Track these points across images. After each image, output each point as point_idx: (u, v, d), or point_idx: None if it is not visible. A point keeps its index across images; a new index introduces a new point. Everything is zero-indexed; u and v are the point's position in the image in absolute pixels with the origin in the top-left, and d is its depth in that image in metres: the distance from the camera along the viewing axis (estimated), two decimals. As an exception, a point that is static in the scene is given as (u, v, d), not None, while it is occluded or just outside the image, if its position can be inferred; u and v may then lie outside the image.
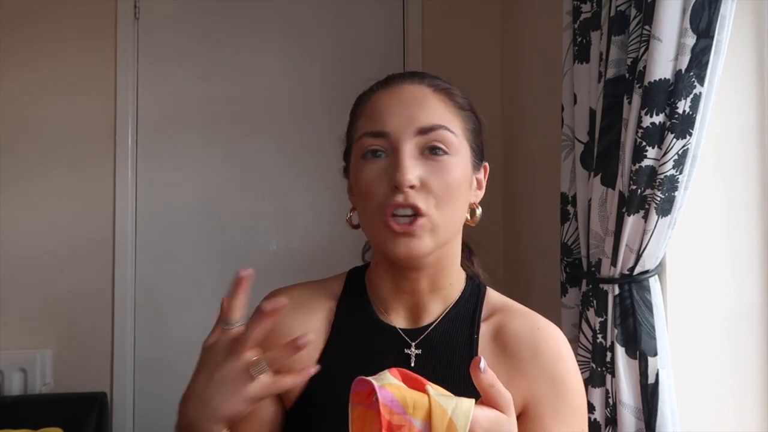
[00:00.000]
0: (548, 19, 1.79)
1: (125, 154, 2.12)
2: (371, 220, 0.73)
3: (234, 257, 2.16)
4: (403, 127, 0.72)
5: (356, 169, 0.75)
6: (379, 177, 0.72)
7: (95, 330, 2.07)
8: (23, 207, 2.06)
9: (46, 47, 2.09)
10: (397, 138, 0.72)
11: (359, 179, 0.73)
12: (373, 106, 0.76)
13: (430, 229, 0.71)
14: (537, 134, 1.91)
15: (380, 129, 0.72)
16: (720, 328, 1.28)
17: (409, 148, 0.71)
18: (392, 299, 0.79)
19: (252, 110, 2.21)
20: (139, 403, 2.09)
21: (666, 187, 1.13)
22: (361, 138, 0.74)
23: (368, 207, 0.73)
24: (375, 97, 0.77)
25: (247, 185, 2.20)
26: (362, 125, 0.75)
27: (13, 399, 1.89)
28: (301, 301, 0.81)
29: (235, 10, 2.20)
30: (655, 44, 1.10)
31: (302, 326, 0.78)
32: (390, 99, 0.75)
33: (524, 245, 2.02)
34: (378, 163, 0.72)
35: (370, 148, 0.73)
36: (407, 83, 0.77)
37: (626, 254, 1.20)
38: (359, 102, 0.80)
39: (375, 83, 0.80)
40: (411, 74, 0.79)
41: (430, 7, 2.27)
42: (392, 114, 0.73)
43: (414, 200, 0.70)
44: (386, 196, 0.71)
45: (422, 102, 0.74)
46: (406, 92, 0.75)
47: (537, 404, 0.73)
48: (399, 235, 0.70)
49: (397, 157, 0.71)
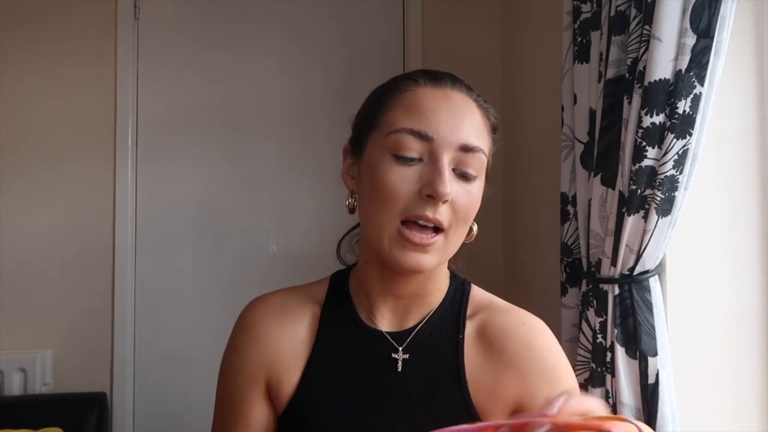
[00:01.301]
0: (548, 19, 1.79)
1: (125, 154, 2.12)
2: (383, 222, 0.69)
3: (234, 257, 2.16)
4: (448, 136, 0.68)
5: (382, 163, 0.69)
6: (410, 181, 0.67)
7: (95, 330, 2.07)
8: (23, 207, 2.06)
9: (46, 47, 2.09)
10: (440, 146, 0.67)
11: (384, 177, 0.68)
12: (418, 100, 0.70)
13: (442, 248, 0.70)
14: (537, 134, 1.91)
15: (425, 131, 0.67)
16: (720, 328, 1.28)
17: (448, 160, 0.68)
18: (379, 300, 0.77)
19: (252, 110, 2.21)
20: (139, 403, 2.09)
21: (666, 187, 1.13)
22: (399, 132, 0.68)
23: (385, 207, 0.68)
24: (422, 91, 0.71)
25: (247, 185, 2.20)
26: (400, 117, 0.69)
27: (13, 399, 1.89)
28: (286, 308, 0.79)
29: (235, 10, 2.20)
30: (655, 44, 1.10)
31: (289, 332, 0.77)
32: (439, 101, 0.69)
33: (524, 245, 2.02)
34: (410, 165, 0.68)
35: (408, 152, 0.67)
36: (456, 89, 0.72)
37: (626, 254, 1.20)
38: (396, 89, 0.73)
39: (418, 72, 0.74)
40: (453, 78, 0.74)
41: (430, 7, 2.26)
42: (440, 119, 0.68)
43: (440, 217, 0.67)
44: (413, 204, 0.67)
45: (469, 116, 0.70)
46: (456, 99, 0.71)
47: (532, 398, 0.72)
48: (412, 247, 0.68)
49: (439, 167, 0.66)
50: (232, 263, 2.15)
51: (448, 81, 0.72)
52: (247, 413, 0.77)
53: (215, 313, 2.05)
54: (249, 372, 0.77)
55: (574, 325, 1.37)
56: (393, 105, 0.71)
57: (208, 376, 1.01)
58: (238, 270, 2.15)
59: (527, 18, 2.04)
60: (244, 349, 0.77)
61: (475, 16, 2.28)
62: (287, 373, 0.76)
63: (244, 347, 0.78)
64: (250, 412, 0.77)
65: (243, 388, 0.77)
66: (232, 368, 0.78)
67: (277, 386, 0.76)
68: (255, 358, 0.76)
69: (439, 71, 0.74)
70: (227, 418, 0.79)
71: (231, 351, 0.79)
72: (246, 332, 0.78)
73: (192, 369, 2.08)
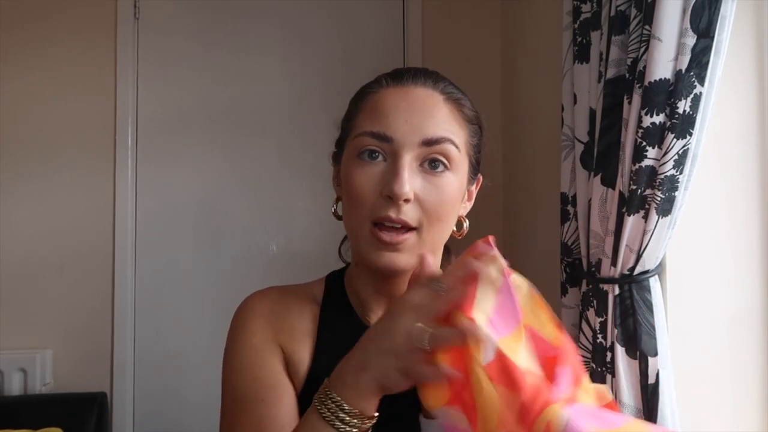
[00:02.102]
0: (548, 19, 1.79)
1: (125, 154, 2.12)
2: (357, 225, 0.71)
3: (234, 257, 2.16)
4: (408, 134, 0.68)
5: (349, 166, 0.71)
6: (373, 182, 0.69)
7: (95, 330, 2.07)
8: (23, 207, 2.06)
9: (46, 47, 2.09)
10: (400, 145, 0.68)
11: (351, 179, 0.70)
12: (379, 103, 0.71)
13: (416, 246, 0.70)
14: (537, 134, 1.91)
15: (383, 132, 0.69)
16: (720, 328, 1.28)
17: (410, 158, 0.68)
18: (372, 300, 0.78)
19: (252, 110, 2.21)
20: (139, 403, 2.09)
21: (666, 187, 1.13)
22: (361, 136, 0.70)
23: (356, 211, 0.70)
24: (382, 93, 0.72)
25: (247, 186, 2.20)
26: (364, 122, 0.71)
27: (13, 399, 1.89)
28: (286, 301, 0.79)
29: (235, 10, 2.20)
30: (655, 44, 1.09)
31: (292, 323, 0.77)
32: (398, 101, 0.71)
33: (524, 245, 2.02)
34: (374, 166, 0.69)
35: (368, 147, 0.69)
36: (419, 86, 0.72)
37: (626, 254, 1.20)
38: (363, 93, 0.75)
39: (383, 75, 0.75)
40: (423, 74, 0.74)
41: (430, 7, 2.27)
42: (399, 119, 0.69)
43: (405, 217, 0.68)
44: (377, 205, 0.69)
45: (432, 111, 0.70)
46: (417, 97, 0.71)
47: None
48: (384, 246, 0.69)
49: (397, 167, 0.68)
50: (231, 263, 2.15)
51: (410, 78, 0.73)
52: (274, 384, 0.74)
53: (215, 313, 2.05)
54: (271, 349, 0.75)
55: (574, 325, 1.37)
56: (360, 109, 0.73)
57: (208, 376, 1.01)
58: (237, 270, 2.15)
59: (527, 18, 2.04)
60: (263, 329, 0.76)
61: (475, 15, 2.28)
62: (299, 354, 0.75)
63: (262, 328, 0.76)
64: (278, 383, 0.74)
65: (269, 362, 0.74)
66: (252, 349, 0.75)
67: (293, 365, 0.75)
68: (272, 336, 0.76)
69: (404, 69, 0.76)
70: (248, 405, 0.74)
71: (247, 335, 0.77)
72: (258, 315, 0.77)
73: (192, 369, 2.08)
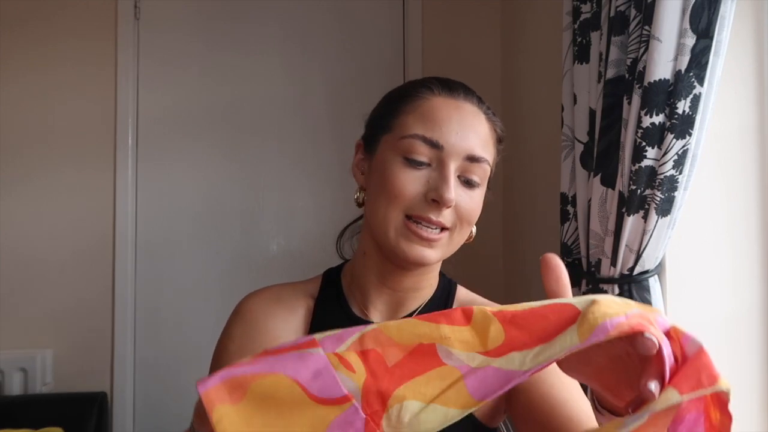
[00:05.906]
0: (548, 19, 1.79)
1: (125, 154, 2.12)
2: (389, 215, 0.72)
3: (234, 257, 2.16)
4: (456, 146, 0.72)
5: (393, 164, 0.73)
6: (418, 183, 0.72)
7: (95, 330, 2.07)
8: (24, 207, 2.06)
9: (47, 47, 2.09)
10: (449, 154, 0.72)
11: (393, 178, 0.72)
12: (432, 109, 0.74)
13: (446, 245, 0.74)
14: (537, 134, 1.91)
15: (437, 140, 0.72)
16: (720, 328, 1.28)
17: (454, 168, 0.72)
18: (374, 292, 0.79)
19: (252, 110, 2.21)
20: (139, 403, 2.09)
21: (666, 187, 1.13)
22: (411, 138, 0.72)
23: (392, 203, 0.72)
24: (435, 101, 0.75)
25: (247, 185, 2.20)
26: (415, 124, 0.73)
27: (13, 399, 1.89)
28: (280, 300, 0.81)
29: (235, 10, 2.21)
30: (655, 44, 1.10)
31: (283, 323, 0.79)
32: (451, 111, 0.74)
33: (524, 245, 2.02)
34: (420, 170, 0.72)
35: (419, 157, 0.72)
36: (469, 101, 0.76)
37: (626, 254, 1.20)
38: (410, 95, 0.76)
39: (433, 81, 0.77)
40: (470, 90, 0.78)
41: (430, 8, 2.27)
42: (452, 129, 0.72)
43: (444, 219, 0.72)
44: (419, 205, 0.72)
45: (478, 128, 0.74)
46: (468, 111, 0.75)
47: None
48: (418, 240, 0.72)
49: (445, 175, 0.71)
50: (232, 263, 2.16)
51: (461, 92, 0.76)
52: None
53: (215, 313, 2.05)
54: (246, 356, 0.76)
55: (574, 325, 1.37)
56: (407, 110, 0.75)
57: (208, 376, 1.01)
58: (238, 270, 2.15)
59: (527, 18, 2.04)
60: (240, 336, 0.79)
61: (475, 15, 2.28)
62: None
63: (240, 335, 0.79)
64: None
65: None
66: (226, 353, 0.78)
67: None
68: (250, 346, 0.77)
69: (454, 81, 0.78)
70: None
71: (226, 338, 0.80)
72: (242, 320, 0.80)
73: (192, 369, 2.08)
